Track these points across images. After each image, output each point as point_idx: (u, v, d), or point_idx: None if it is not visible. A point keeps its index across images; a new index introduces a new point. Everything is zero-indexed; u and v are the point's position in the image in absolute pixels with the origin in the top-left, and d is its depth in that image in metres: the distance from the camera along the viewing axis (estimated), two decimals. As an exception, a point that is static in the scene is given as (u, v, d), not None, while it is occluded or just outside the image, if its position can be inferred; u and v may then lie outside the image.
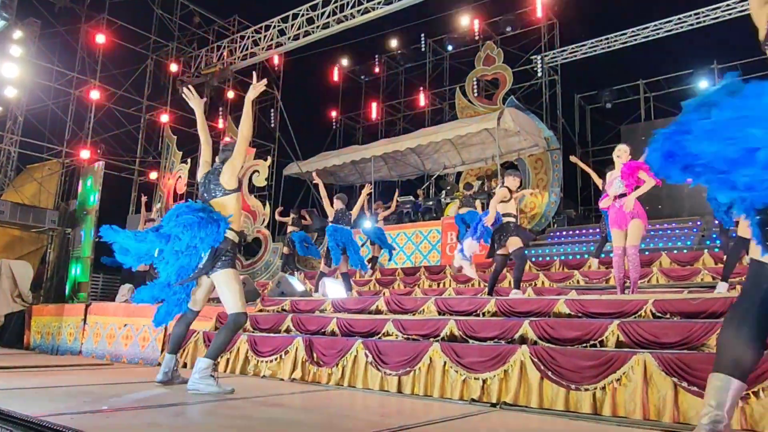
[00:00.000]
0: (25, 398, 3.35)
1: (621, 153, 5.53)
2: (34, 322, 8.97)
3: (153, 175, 14.66)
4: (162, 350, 6.16)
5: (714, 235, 10.96)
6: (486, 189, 13.84)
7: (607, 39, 15.53)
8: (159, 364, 6.04)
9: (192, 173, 14.26)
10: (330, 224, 7.78)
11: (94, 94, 13.50)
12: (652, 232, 10.92)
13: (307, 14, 12.86)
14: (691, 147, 1.81)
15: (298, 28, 13.07)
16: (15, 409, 2.68)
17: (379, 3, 11.71)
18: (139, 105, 14.93)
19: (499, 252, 6.28)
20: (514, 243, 6.11)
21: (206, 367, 3.71)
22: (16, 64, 11.96)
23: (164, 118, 14.79)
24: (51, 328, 8.61)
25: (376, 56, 19.81)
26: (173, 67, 15.39)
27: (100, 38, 13.59)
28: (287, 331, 5.67)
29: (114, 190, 13.50)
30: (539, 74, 15.86)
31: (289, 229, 11.62)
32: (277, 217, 12.63)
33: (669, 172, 1.86)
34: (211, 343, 3.82)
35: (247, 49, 14.50)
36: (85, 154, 12.77)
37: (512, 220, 6.26)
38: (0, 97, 12.01)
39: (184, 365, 5.71)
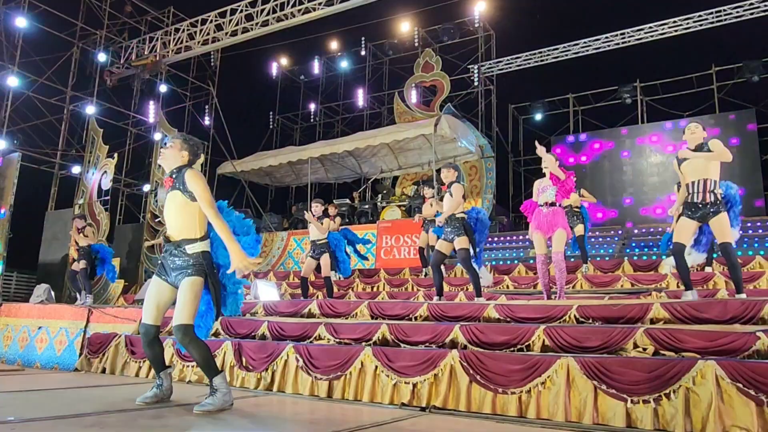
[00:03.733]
0: None
1: (548, 163, 5.71)
2: None
3: (76, 170, 13.90)
4: (80, 354, 5.83)
5: (633, 244, 11.59)
6: (420, 194, 14.02)
7: (540, 52, 16.14)
8: (77, 369, 5.72)
9: (118, 168, 13.61)
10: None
11: (12, 81, 12.65)
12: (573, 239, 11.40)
13: (246, 10, 12.61)
14: None
15: (236, 24, 12.79)
16: None
17: (320, 4, 11.64)
18: (62, 95, 14.13)
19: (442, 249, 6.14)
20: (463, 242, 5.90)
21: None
22: None
23: (90, 109, 14.07)
24: (-45, 331, 7.96)
25: (316, 57, 19.70)
26: (101, 57, 14.66)
27: (21, 21, 12.75)
28: (215, 334, 5.51)
29: (32, 184, 12.70)
30: (475, 83, 16.26)
31: None
32: None
33: None
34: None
35: (181, 43, 14.03)
36: (0, 143, 11.94)
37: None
38: None
39: (103, 371, 5.44)
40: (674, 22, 14.58)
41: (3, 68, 12.70)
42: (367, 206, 13.64)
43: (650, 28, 14.84)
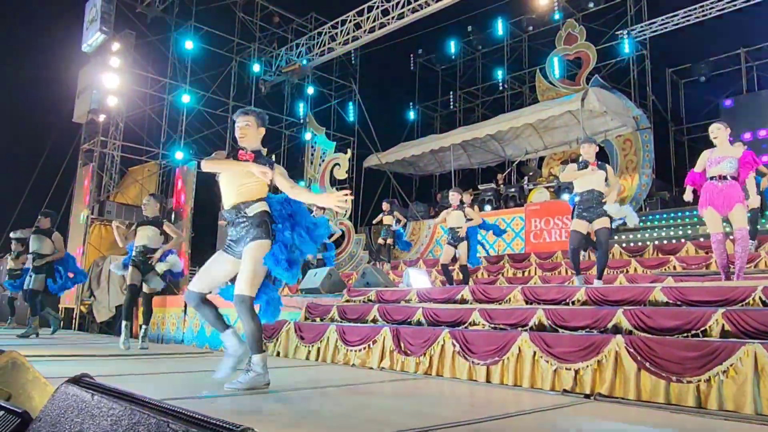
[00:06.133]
0: (141, 383, 3.64)
1: (718, 133, 5.16)
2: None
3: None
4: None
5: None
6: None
7: (702, 7, 14.42)
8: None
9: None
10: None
11: (185, 98, 14.28)
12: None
13: (381, 6, 12.91)
14: None
15: (374, 21, 13.15)
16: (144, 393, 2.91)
17: (453, -11, 11.55)
18: (225, 106, 15.64)
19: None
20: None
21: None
22: (115, 74, 12.89)
23: (249, 117, 15.40)
24: (156, 318, 9.25)
25: (452, 43, 19.58)
26: (255, 68, 15.97)
27: (189, 44, 14.33)
28: (374, 320, 5.78)
29: (206, 189, 14.25)
30: (626, 50, 15.03)
31: (387, 220, 11.53)
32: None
33: None
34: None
35: (324, 45, 14.78)
36: (179, 155, 13.56)
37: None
38: (103, 106, 12.98)
39: (278, 354, 5.97)
40: None
41: (178, 88, 14.39)
42: (513, 190, 13.33)
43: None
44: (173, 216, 12.83)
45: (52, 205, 12.93)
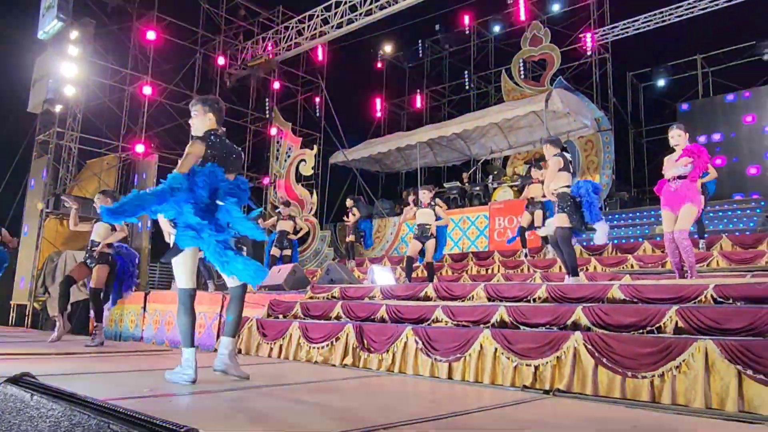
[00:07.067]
0: (90, 382, 3.53)
1: (679, 140, 5.31)
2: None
3: (204, 167, 15.00)
4: (218, 336, 6.35)
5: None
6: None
7: (662, 13, 14.85)
8: (215, 350, 6.24)
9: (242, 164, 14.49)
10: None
11: (147, 90, 13.90)
12: (711, 214, 10.48)
13: (350, 2, 12.85)
14: None
15: (341, 17, 13.08)
16: (83, 392, 2.82)
17: (421, -13, 11.57)
18: (188, 99, 15.27)
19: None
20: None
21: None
22: (73, 63, 12.45)
23: (213, 110, 15.11)
24: (114, 315, 9.01)
25: (420, 41, 19.64)
26: (220, 61, 15.68)
27: (151, 35, 13.95)
28: (337, 317, 5.75)
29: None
30: (589, 53, 15.36)
31: (353, 217, 11.58)
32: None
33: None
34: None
35: (291, 40, 14.63)
36: (139, 148, 13.21)
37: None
38: (60, 96, 12.53)
39: (239, 351, 5.87)
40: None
41: (139, 79, 14.01)
42: (477, 188, 13.47)
43: (794, -29, 13.11)
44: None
45: (5, 198, 12.45)
